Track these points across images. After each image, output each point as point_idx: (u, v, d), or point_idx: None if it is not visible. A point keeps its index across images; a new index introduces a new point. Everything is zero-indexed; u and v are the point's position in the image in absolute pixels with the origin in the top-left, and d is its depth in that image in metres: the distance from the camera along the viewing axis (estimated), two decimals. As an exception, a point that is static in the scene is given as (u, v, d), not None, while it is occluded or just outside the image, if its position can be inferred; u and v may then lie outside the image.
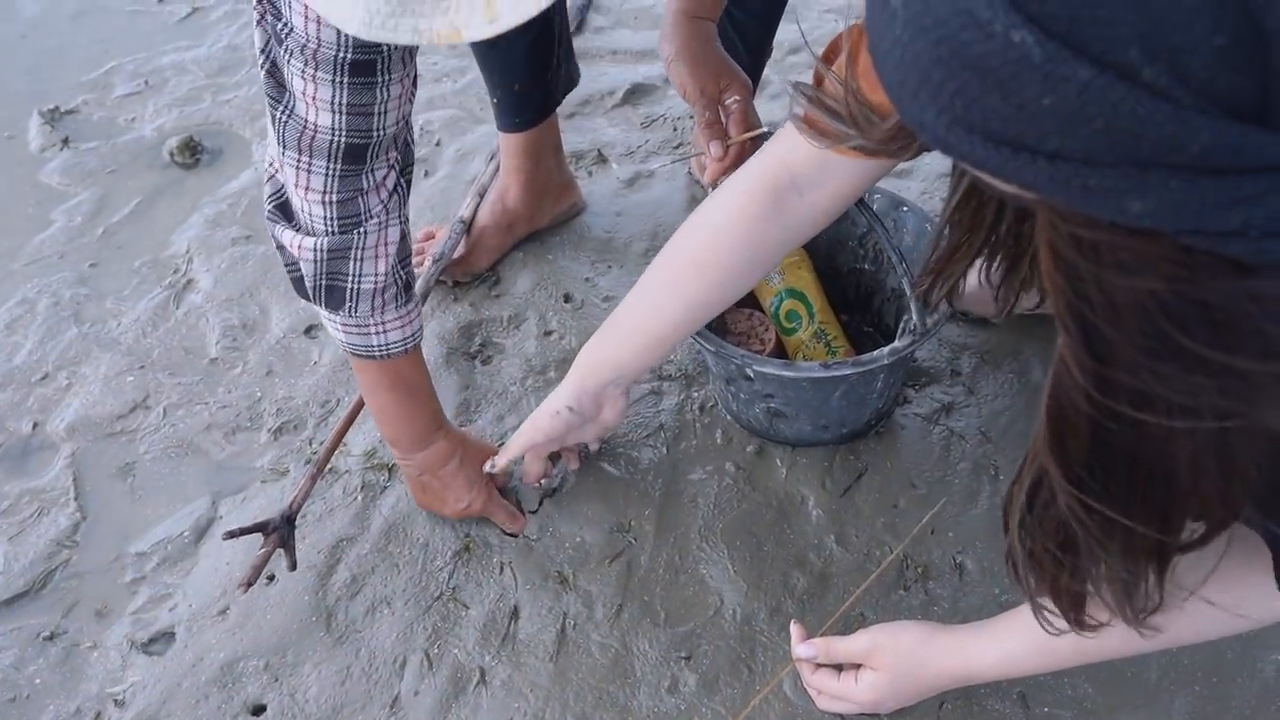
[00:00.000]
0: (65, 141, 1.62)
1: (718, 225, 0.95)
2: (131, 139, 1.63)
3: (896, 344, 1.05)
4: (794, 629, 1.02)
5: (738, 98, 1.10)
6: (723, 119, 1.11)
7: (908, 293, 1.05)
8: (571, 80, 1.38)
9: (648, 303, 0.99)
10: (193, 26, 1.83)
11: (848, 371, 1.04)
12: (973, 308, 1.28)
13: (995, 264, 0.80)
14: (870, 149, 0.67)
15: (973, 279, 0.85)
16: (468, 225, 1.37)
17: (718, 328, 1.24)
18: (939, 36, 0.37)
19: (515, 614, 1.09)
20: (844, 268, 1.32)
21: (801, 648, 1.00)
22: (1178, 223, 0.38)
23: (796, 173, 0.89)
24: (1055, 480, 0.58)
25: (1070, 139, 0.36)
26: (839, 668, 0.99)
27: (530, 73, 1.29)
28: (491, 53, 1.28)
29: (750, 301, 1.28)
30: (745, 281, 0.99)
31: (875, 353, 1.05)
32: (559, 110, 1.38)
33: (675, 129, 1.62)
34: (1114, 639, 0.76)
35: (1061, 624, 0.71)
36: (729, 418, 1.26)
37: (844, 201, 0.94)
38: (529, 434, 1.06)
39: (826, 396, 1.13)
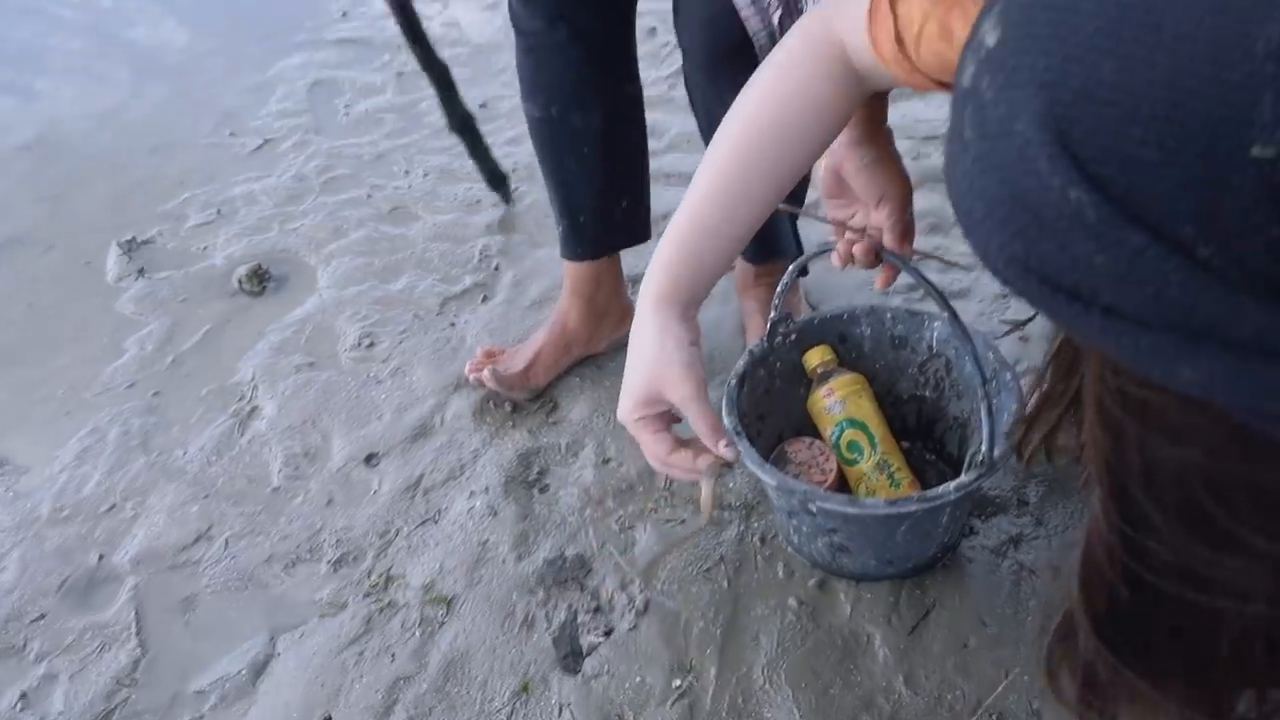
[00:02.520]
0: (140, 271, 1.64)
1: (781, 91, 0.82)
2: (203, 267, 1.64)
3: (963, 479, 0.98)
4: None
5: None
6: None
7: (983, 417, 0.98)
8: (636, 233, 1.38)
9: (739, 190, 0.83)
10: (263, 158, 1.86)
11: (913, 508, 0.97)
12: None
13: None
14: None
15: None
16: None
17: (778, 457, 1.19)
18: (1003, 177, 0.36)
19: (577, 764, 1.02)
20: (904, 394, 1.26)
21: None
22: (1230, 398, 0.35)
23: (853, 57, 0.79)
24: (1083, 634, 0.52)
25: (1122, 299, 0.34)
26: None
27: (597, 203, 1.30)
28: (563, 173, 1.30)
29: (810, 429, 1.22)
30: (819, 147, 0.86)
31: (941, 488, 0.97)
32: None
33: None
34: None
35: None
36: (790, 550, 1.18)
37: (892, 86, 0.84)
38: (701, 397, 0.83)
39: (891, 532, 1.06)
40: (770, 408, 1.20)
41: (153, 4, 2.41)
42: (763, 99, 0.81)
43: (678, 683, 1.07)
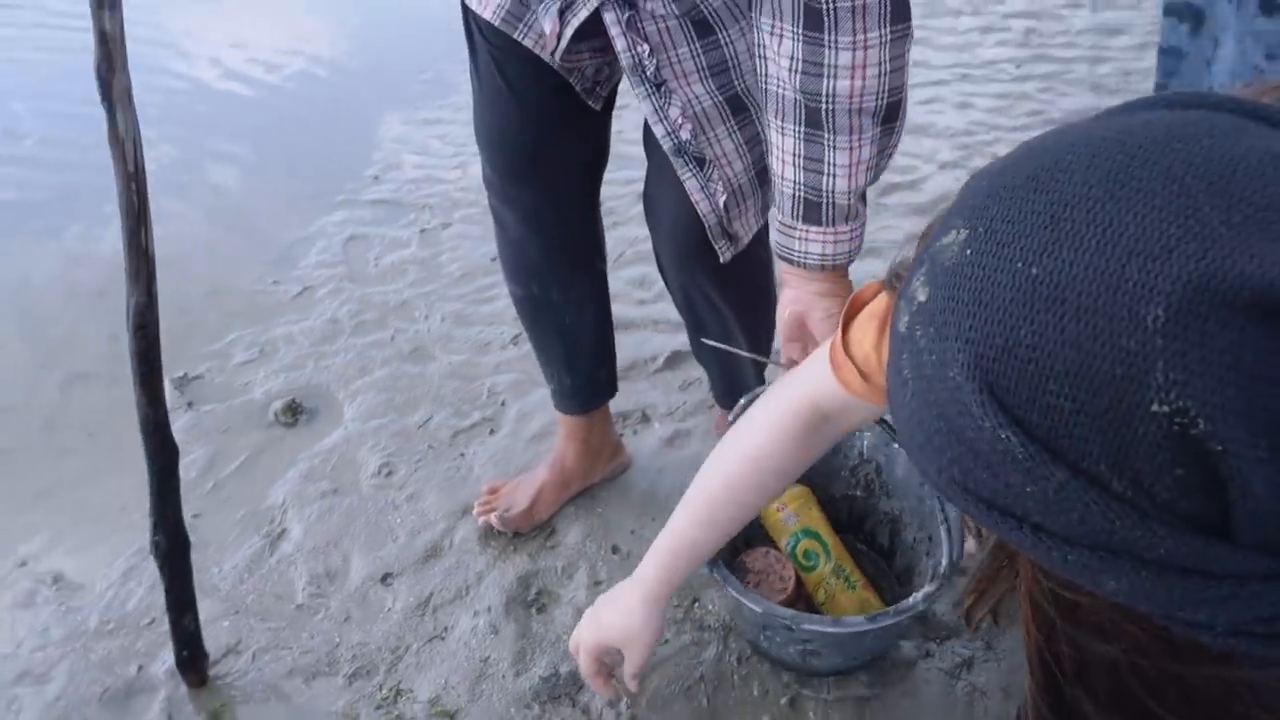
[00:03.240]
0: (189, 404, 1.73)
1: (760, 454, 0.93)
2: (244, 401, 1.73)
3: (929, 589, 1.05)
4: None
5: None
6: None
7: (943, 536, 1.09)
8: (613, 390, 1.47)
9: (714, 532, 0.99)
10: (303, 302, 1.97)
11: (890, 622, 1.04)
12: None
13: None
14: None
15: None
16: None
17: (737, 568, 1.25)
18: (939, 414, 0.39)
19: None
20: (837, 494, 1.35)
21: None
22: (1150, 607, 0.38)
23: (825, 409, 0.88)
24: None
25: (1050, 521, 0.37)
26: None
27: (581, 366, 1.39)
28: (547, 342, 1.37)
29: (760, 539, 1.30)
30: (771, 500, 1.03)
31: (910, 600, 1.05)
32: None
33: (709, 389, 1.69)
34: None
35: None
36: (757, 656, 1.25)
37: (862, 425, 0.96)
38: (645, 658, 1.03)
39: (863, 639, 1.13)
40: None
41: (214, 161, 2.60)
42: (743, 462, 0.94)
43: (661, 795, 1.13)
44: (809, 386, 0.87)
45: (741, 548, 1.29)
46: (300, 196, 2.40)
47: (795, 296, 1.05)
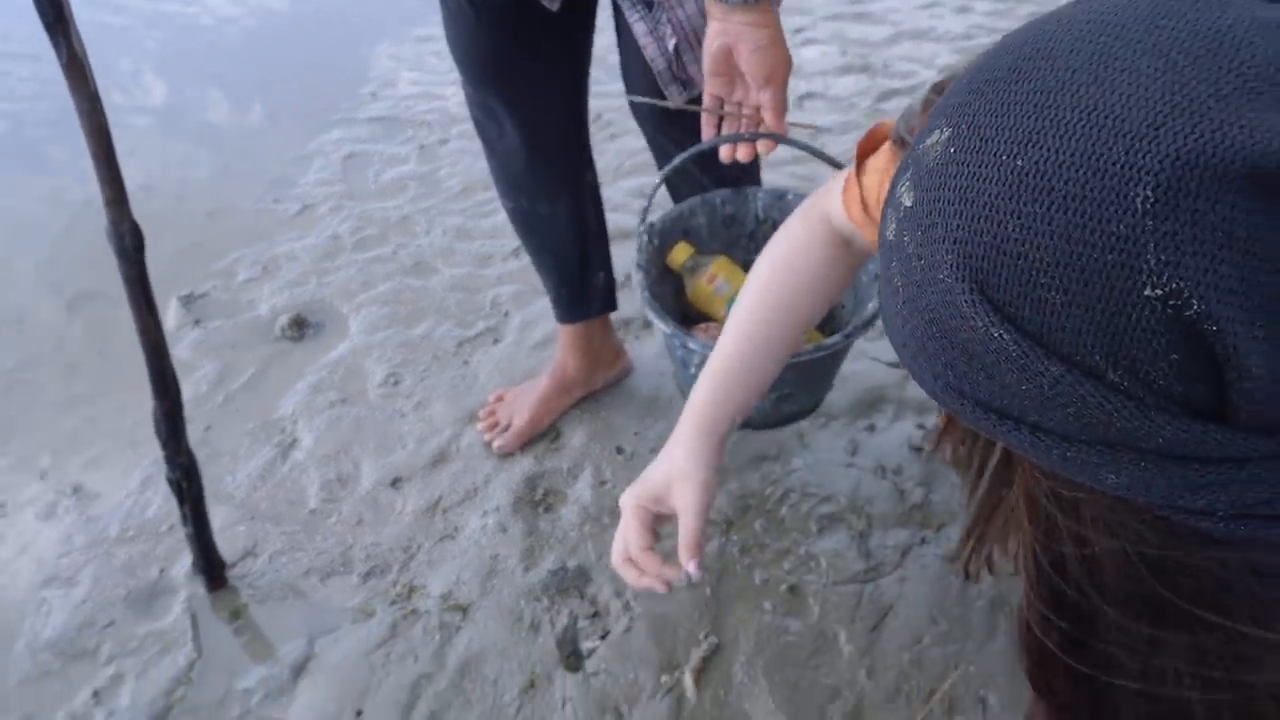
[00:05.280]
0: (196, 321, 1.68)
1: (787, 262, 0.85)
2: (250, 317, 1.68)
3: (867, 315, 1.03)
4: None
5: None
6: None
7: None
8: (610, 301, 1.40)
9: (759, 348, 0.86)
10: (304, 220, 1.90)
11: (843, 341, 1.01)
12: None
13: None
14: None
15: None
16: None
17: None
18: (931, 319, 0.37)
19: (577, 750, 1.05)
20: (741, 262, 1.28)
21: None
22: (1150, 498, 0.36)
23: (838, 227, 0.83)
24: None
25: (1047, 418, 0.35)
26: None
27: (576, 276, 1.34)
28: (542, 254, 1.32)
29: (693, 318, 1.25)
30: (824, 305, 0.89)
31: (851, 326, 1.02)
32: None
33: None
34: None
35: None
36: (758, 548, 1.22)
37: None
38: (700, 514, 0.79)
39: (827, 368, 1.12)
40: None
41: (210, 85, 2.50)
42: (774, 270, 0.85)
43: (666, 679, 1.10)
44: (826, 199, 0.81)
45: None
46: (297, 117, 2.30)
47: (722, 29, 0.94)
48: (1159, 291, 0.31)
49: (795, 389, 1.14)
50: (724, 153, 1.03)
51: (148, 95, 2.40)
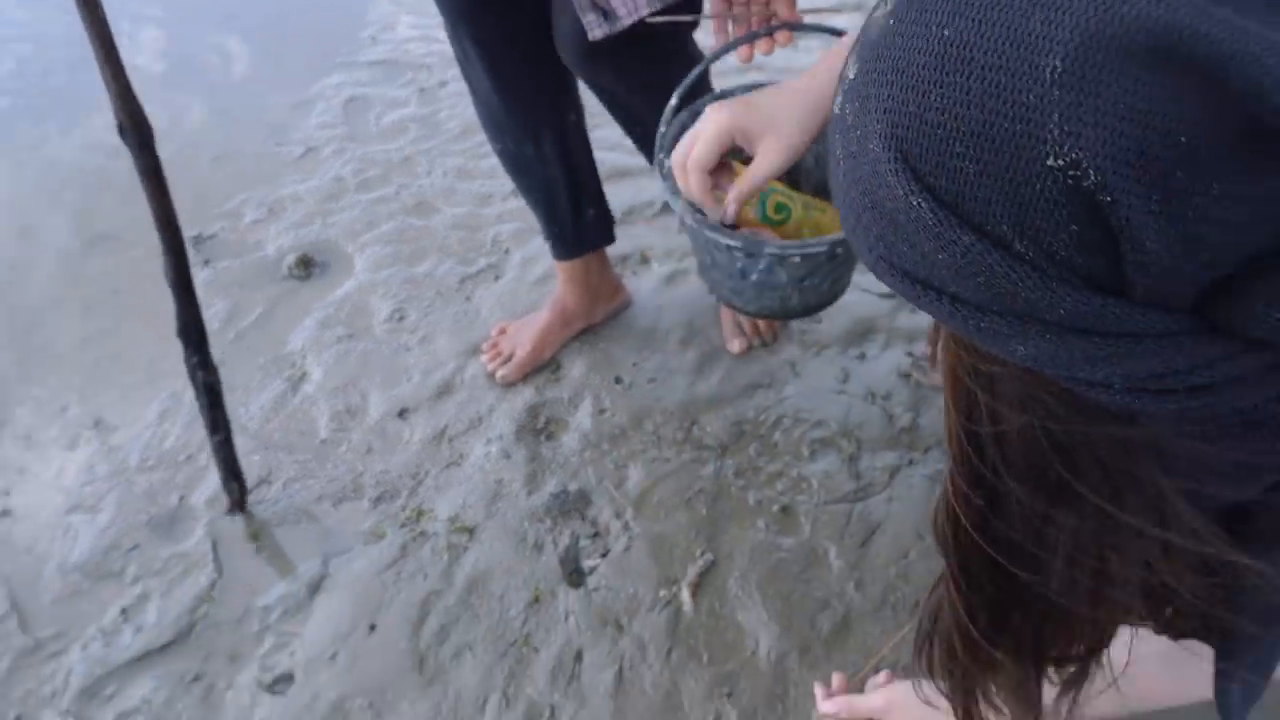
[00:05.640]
0: (206, 262, 1.69)
1: None
2: (257, 257, 1.69)
3: None
4: (817, 689, 0.99)
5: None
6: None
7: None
8: (607, 235, 1.41)
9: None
10: (307, 163, 1.90)
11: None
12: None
13: None
14: None
15: None
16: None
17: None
18: (864, 189, 0.37)
19: (579, 657, 1.10)
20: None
21: (825, 705, 0.97)
22: (1054, 369, 0.36)
23: None
24: (948, 609, 0.54)
25: (963, 288, 0.36)
26: None
27: (568, 214, 1.34)
28: (533, 193, 1.33)
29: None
30: None
31: None
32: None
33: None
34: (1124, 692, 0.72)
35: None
36: (752, 470, 1.24)
37: None
38: (773, 167, 0.82)
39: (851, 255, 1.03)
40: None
41: (211, 36, 2.47)
42: None
43: (664, 593, 1.14)
44: None
45: None
46: (297, 62, 2.28)
47: None
48: (1060, 162, 0.31)
49: (849, 264, 1.08)
50: (742, 53, 1.00)
51: (150, 42, 2.38)
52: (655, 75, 1.10)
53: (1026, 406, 0.40)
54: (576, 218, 1.35)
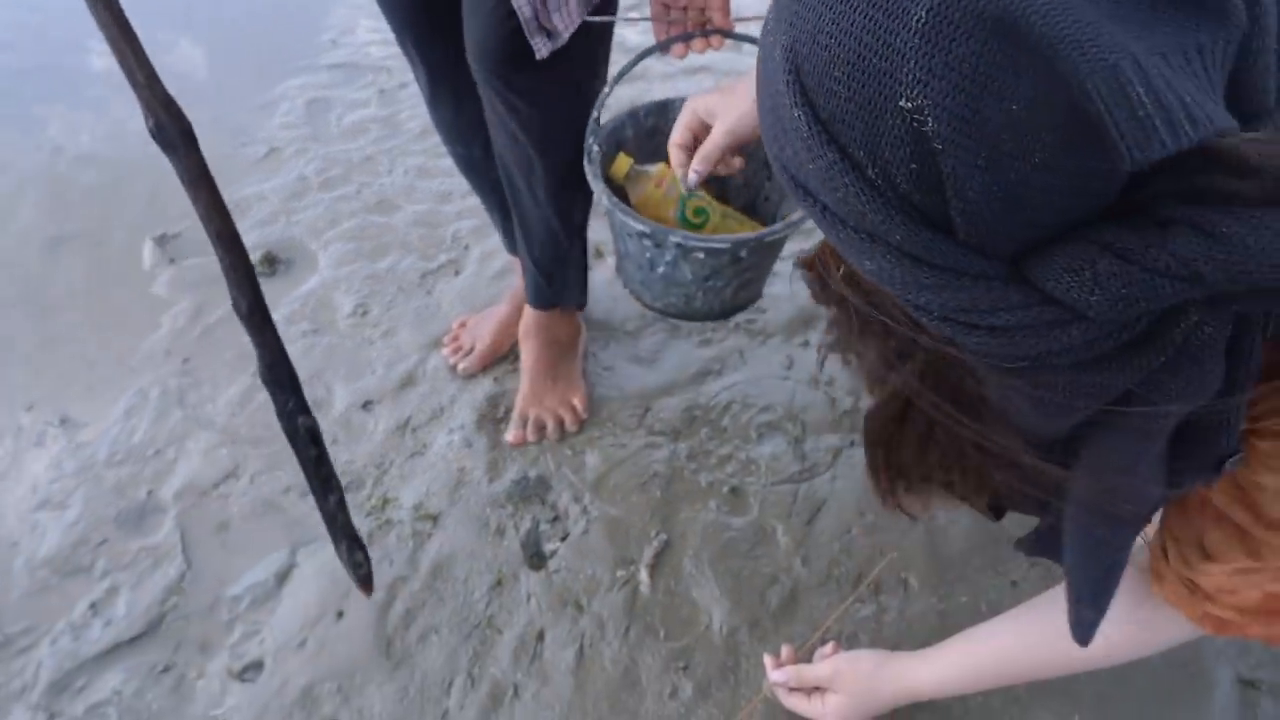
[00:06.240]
0: (171, 260, 1.67)
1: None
2: (222, 256, 1.67)
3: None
4: (767, 660, 1.02)
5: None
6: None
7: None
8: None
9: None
10: (270, 163, 1.88)
11: (789, 227, 1.00)
12: None
13: None
14: None
15: None
16: None
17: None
18: (766, 94, 0.40)
19: (541, 637, 1.11)
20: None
21: (775, 674, 1.00)
22: (891, 287, 0.39)
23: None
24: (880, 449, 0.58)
25: (827, 199, 0.39)
26: (809, 691, 0.98)
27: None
28: (484, 195, 1.31)
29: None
30: None
31: (793, 213, 1.02)
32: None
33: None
34: (1032, 663, 0.76)
35: None
36: (704, 454, 1.27)
37: None
38: (724, 137, 0.91)
39: (774, 252, 1.10)
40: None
41: (172, 39, 2.43)
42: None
43: (622, 573, 1.16)
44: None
45: None
46: (259, 65, 2.25)
47: None
48: (909, 105, 0.33)
49: (755, 272, 1.12)
50: (677, 50, 1.02)
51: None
52: (566, 92, 1.08)
53: (880, 309, 0.44)
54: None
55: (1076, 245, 0.35)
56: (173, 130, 0.71)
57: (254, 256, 1.62)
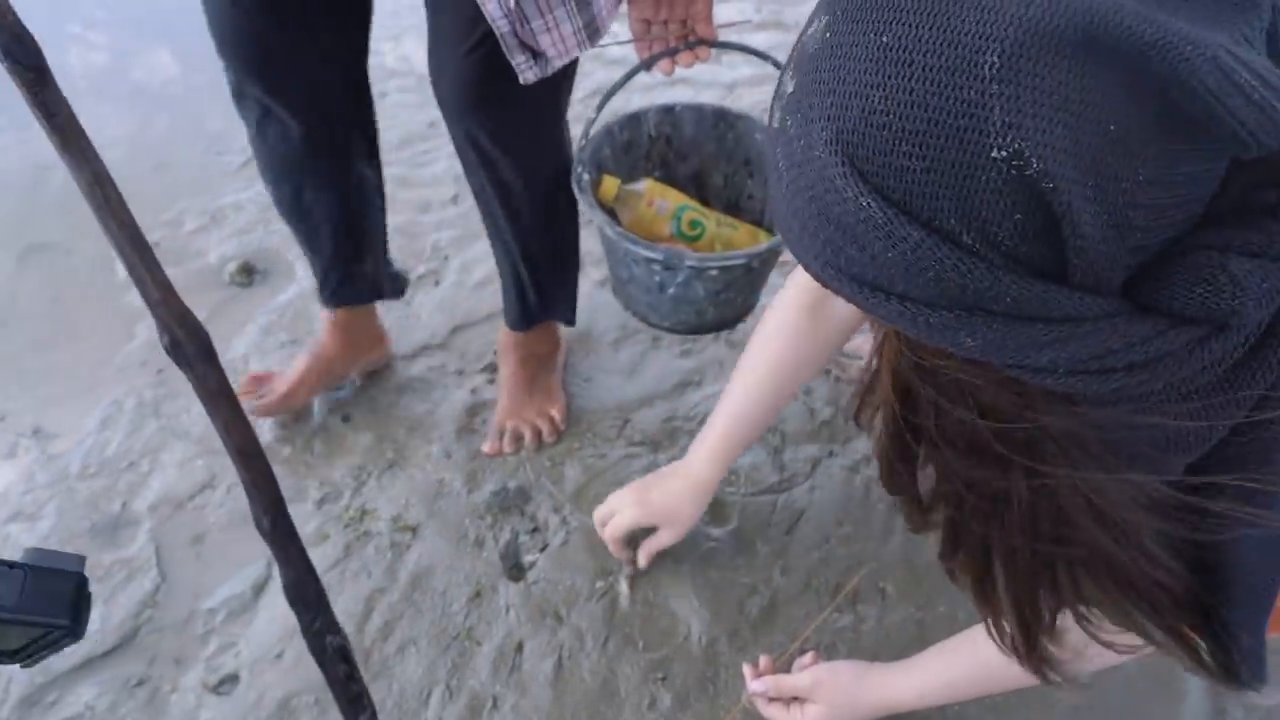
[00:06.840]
0: (145, 269, 1.64)
1: (771, 332, 0.95)
2: (199, 265, 1.64)
3: None
4: (746, 669, 1.02)
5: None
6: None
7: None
8: (381, 290, 1.32)
9: (755, 411, 1.00)
10: (247, 172, 1.85)
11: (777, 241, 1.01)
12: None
13: None
14: None
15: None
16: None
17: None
18: (811, 196, 0.37)
19: (520, 648, 1.10)
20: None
21: (754, 684, 1.00)
22: (1002, 358, 0.37)
23: (817, 296, 0.89)
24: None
25: (912, 285, 0.36)
26: (788, 701, 0.98)
27: (340, 266, 1.25)
28: (306, 241, 1.23)
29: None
30: (803, 376, 0.99)
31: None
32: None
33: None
34: (1012, 673, 0.76)
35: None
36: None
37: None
38: (677, 538, 1.08)
39: (768, 266, 1.10)
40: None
41: (150, 49, 2.39)
42: (759, 337, 0.96)
43: (601, 584, 1.15)
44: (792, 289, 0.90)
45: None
46: (239, 71, 2.22)
47: None
48: (1003, 153, 0.32)
49: (763, 277, 1.12)
50: (663, 66, 1.01)
51: (90, 55, 2.30)
52: (526, 131, 1.04)
53: (969, 399, 0.42)
54: (349, 270, 1.25)
55: (1193, 258, 0.34)
56: (190, 347, 0.59)
57: (231, 266, 1.61)
